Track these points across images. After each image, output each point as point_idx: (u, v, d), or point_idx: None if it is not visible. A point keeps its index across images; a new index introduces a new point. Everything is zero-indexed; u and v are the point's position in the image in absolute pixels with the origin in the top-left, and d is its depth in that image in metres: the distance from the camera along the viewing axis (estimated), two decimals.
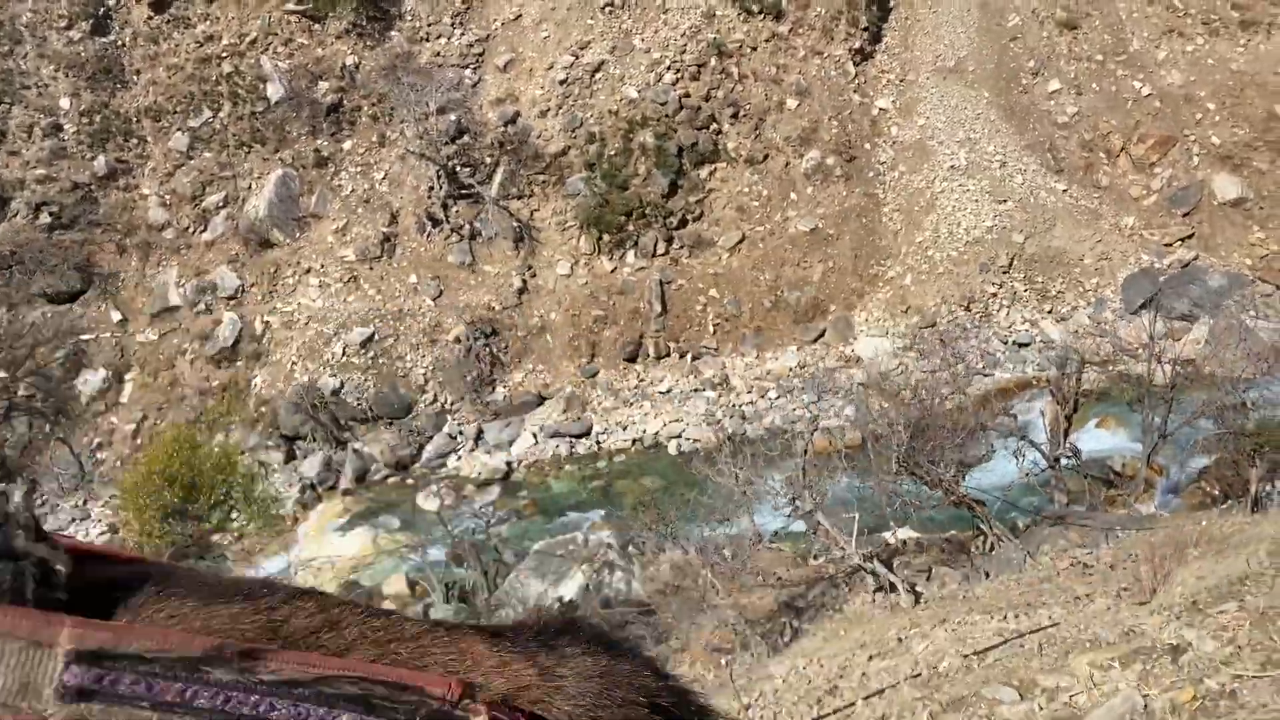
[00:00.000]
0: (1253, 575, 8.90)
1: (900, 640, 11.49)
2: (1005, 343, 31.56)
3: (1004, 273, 33.28)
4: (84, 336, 28.58)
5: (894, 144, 35.30)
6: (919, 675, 9.21)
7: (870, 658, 10.98)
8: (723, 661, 14.83)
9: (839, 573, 17.17)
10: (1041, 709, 6.73)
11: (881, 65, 36.75)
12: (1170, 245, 34.28)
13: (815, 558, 17.83)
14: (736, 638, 15.24)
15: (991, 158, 35.01)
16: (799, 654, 12.85)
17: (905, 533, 20.69)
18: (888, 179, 34.72)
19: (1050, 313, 32.58)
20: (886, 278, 33.27)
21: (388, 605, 22.70)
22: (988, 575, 15.49)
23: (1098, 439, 27.33)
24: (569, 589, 19.09)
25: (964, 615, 12.25)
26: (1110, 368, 28.53)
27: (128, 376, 28.70)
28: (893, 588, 14.92)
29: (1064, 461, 21.18)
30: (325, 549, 25.11)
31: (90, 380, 28.31)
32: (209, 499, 13.90)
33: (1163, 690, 6.11)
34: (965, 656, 9.16)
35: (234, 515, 14.56)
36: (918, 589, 15.26)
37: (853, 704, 9.08)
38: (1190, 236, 34.49)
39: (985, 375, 30.44)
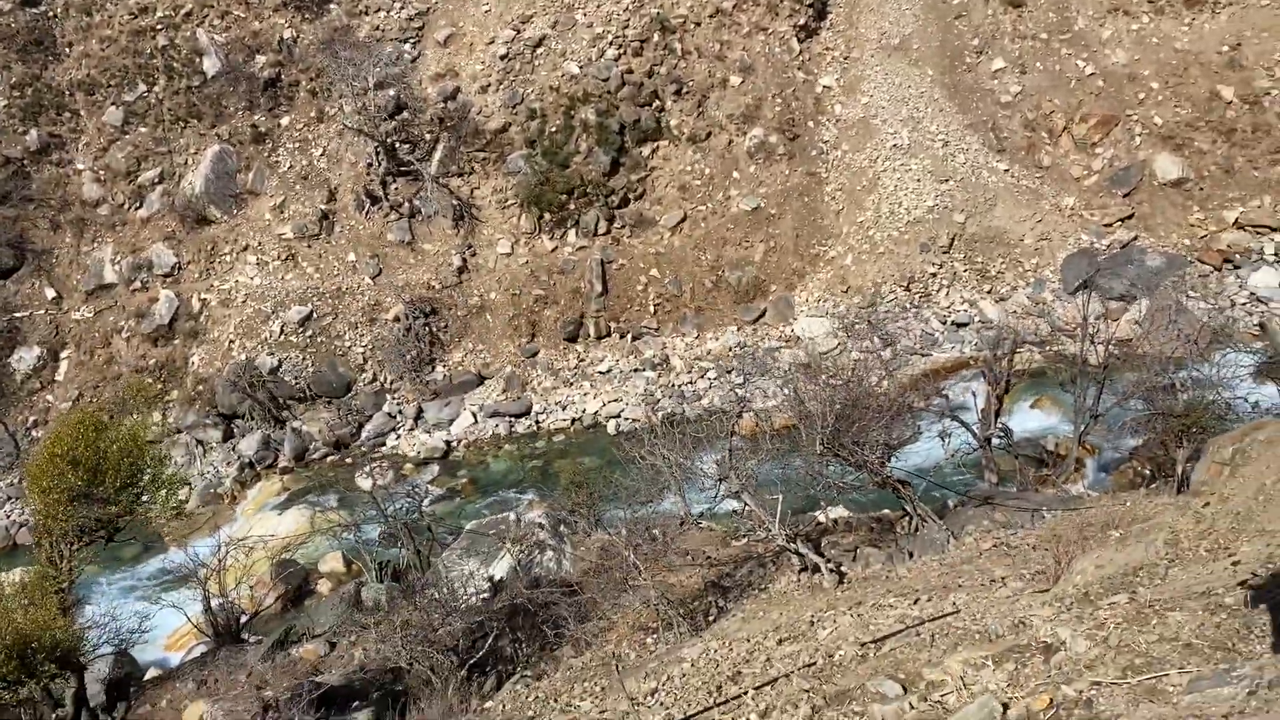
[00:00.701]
0: (1148, 565, 9.37)
1: (812, 623, 12.03)
2: (944, 323, 32.50)
3: (944, 253, 34.20)
4: (18, 314, 28.88)
5: (837, 122, 36.04)
6: (814, 664, 9.52)
7: (780, 641, 11.44)
8: (647, 641, 15.39)
9: (766, 552, 17.72)
10: (912, 708, 6.88)
11: (826, 42, 37.40)
12: (1110, 225, 35.28)
13: (743, 538, 18.34)
14: (660, 618, 15.67)
15: (934, 137, 35.84)
16: (716, 635, 13.32)
17: (836, 512, 21.49)
18: (830, 158, 35.48)
19: (990, 293, 33.53)
20: (828, 258, 34.11)
21: (324, 584, 23.46)
22: (911, 555, 16.24)
23: (1032, 419, 28.29)
24: (499, 569, 19.64)
25: (880, 598, 12.77)
26: (1047, 348, 29.39)
27: (63, 354, 29.08)
28: (816, 568, 15.48)
29: (995, 441, 21.86)
30: (262, 527, 25.69)
31: (25, 358, 28.68)
32: (114, 482, 14.33)
33: (1025, 694, 6.28)
34: (863, 645, 9.46)
35: (143, 498, 14.99)
36: (843, 569, 15.89)
37: (745, 693, 9.44)
38: (1130, 217, 35.49)
39: (923, 355, 31.41)
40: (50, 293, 29.70)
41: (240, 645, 19.92)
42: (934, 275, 33.78)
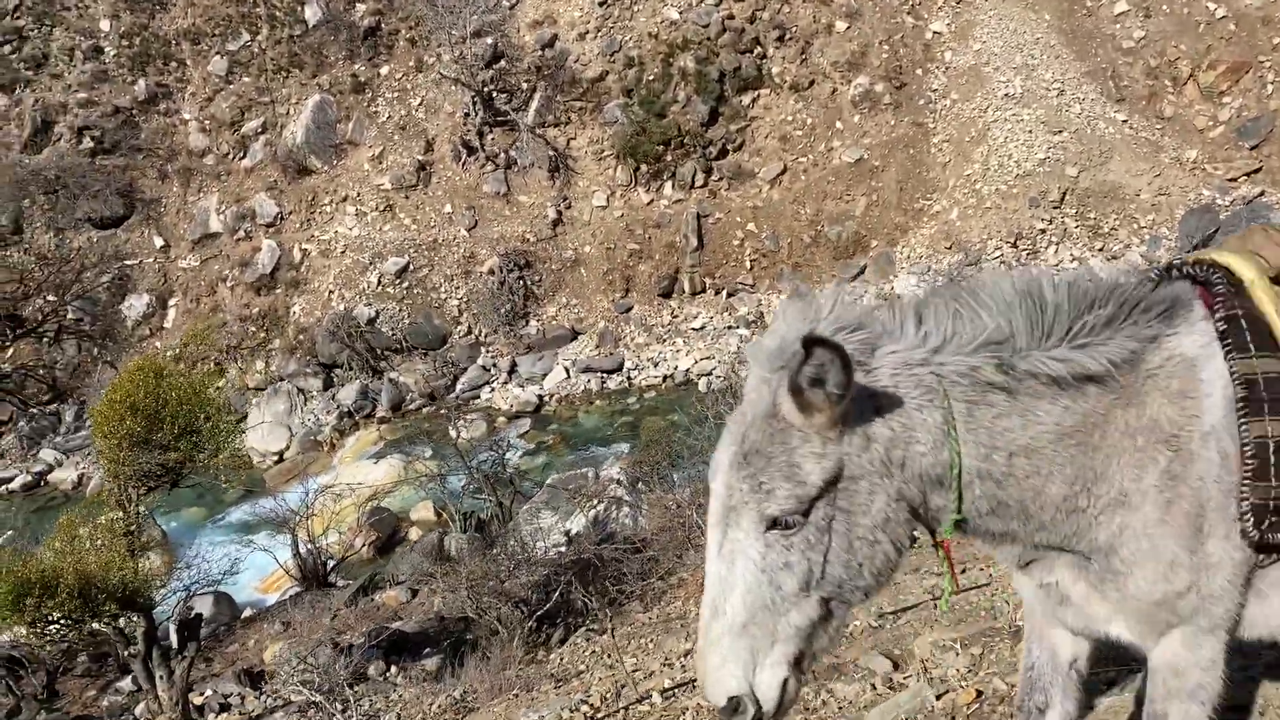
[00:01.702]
0: None
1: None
2: None
3: (1055, 208, 32.98)
4: (128, 262, 29.90)
5: (947, 70, 34.78)
6: None
7: None
8: None
9: None
10: (874, 688, 6.53)
11: None
12: (1235, 180, 33.59)
13: None
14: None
15: (1049, 86, 34.37)
16: None
17: None
18: (938, 108, 34.32)
19: (1101, 250, 32.30)
20: (932, 212, 33.18)
21: (414, 532, 24.04)
22: None
23: None
24: (576, 523, 19.91)
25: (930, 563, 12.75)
26: None
27: (171, 302, 30.07)
28: None
29: None
30: (356, 475, 26.35)
31: (135, 305, 29.73)
32: (172, 428, 14.58)
33: (975, 682, 5.98)
34: (880, 616, 9.05)
35: (203, 446, 15.27)
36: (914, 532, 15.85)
37: None
38: (1258, 170, 33.73)
39: None
40: (159, 241, 30.65)
41: (327, 589, 20.57)
42: (1043, 232, 32.64)
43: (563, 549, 18.62)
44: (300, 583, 21.04)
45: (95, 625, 13.80)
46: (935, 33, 35.40)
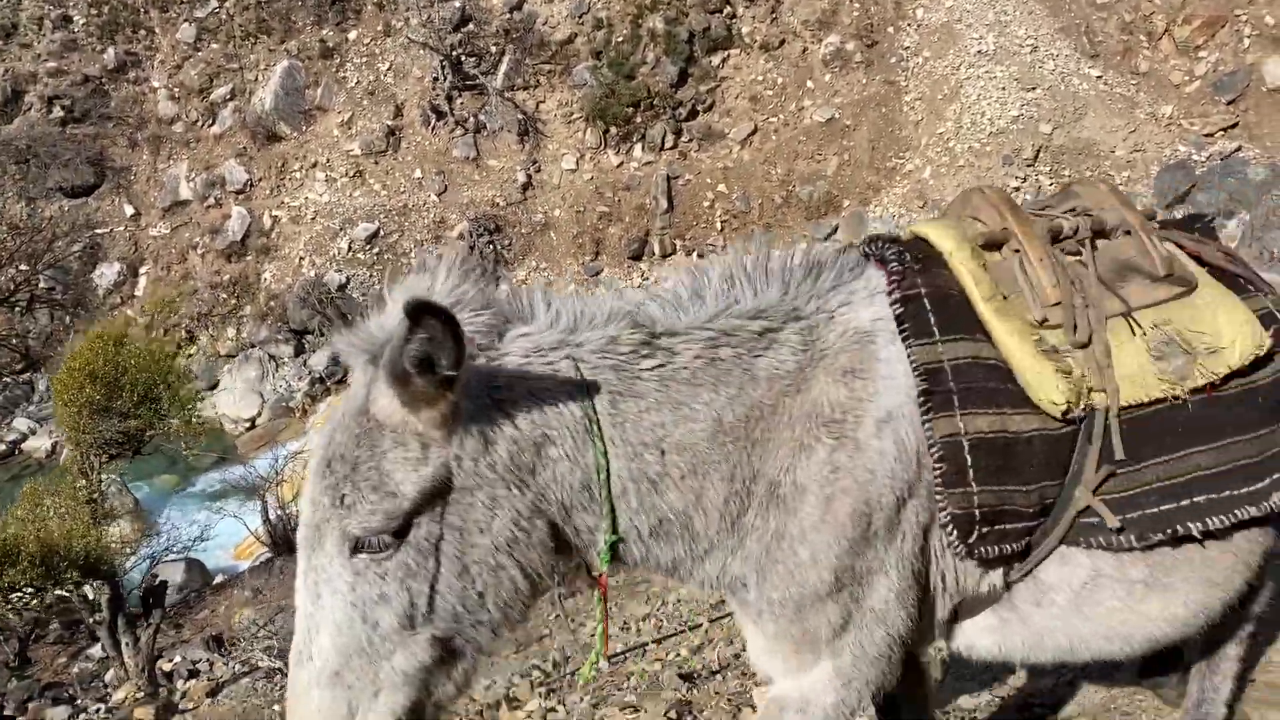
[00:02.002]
0: None
1: None
2: None
3: (1028, 165, 32.74)
4: (99, 230, 29.91)
5: (919, 28, 34.40)
6: None
7: None
8: None
9: None
10: None
11: None
12: (1211, 135, 33.25)
13: None
14: None
15: (1022, 42, 33.99)
16: None
17: None
18: (910, 65, 33.99)
19: None
20: (904, 171, 32.97)
21: None
22: None
23: None
24: None
25: None
26: None
27: (142, 270, 30.11)
28: None
29: None
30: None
31: (106, 274, 29.78)
32: (132, 396, 14.65)
33: None
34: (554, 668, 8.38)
35: (162, 414, 15.33)
36: None
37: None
38: (1234, 126, 33.37)
39: None
40: (129, 209, 30.63)
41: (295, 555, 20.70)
42: (1017, 189, 32.36)
43: None
44: (271, 549, 21.22)
45: (59, 592, 13.98)
46: None
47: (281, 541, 21.04)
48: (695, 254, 31.50)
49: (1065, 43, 33.89)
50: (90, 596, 14.27)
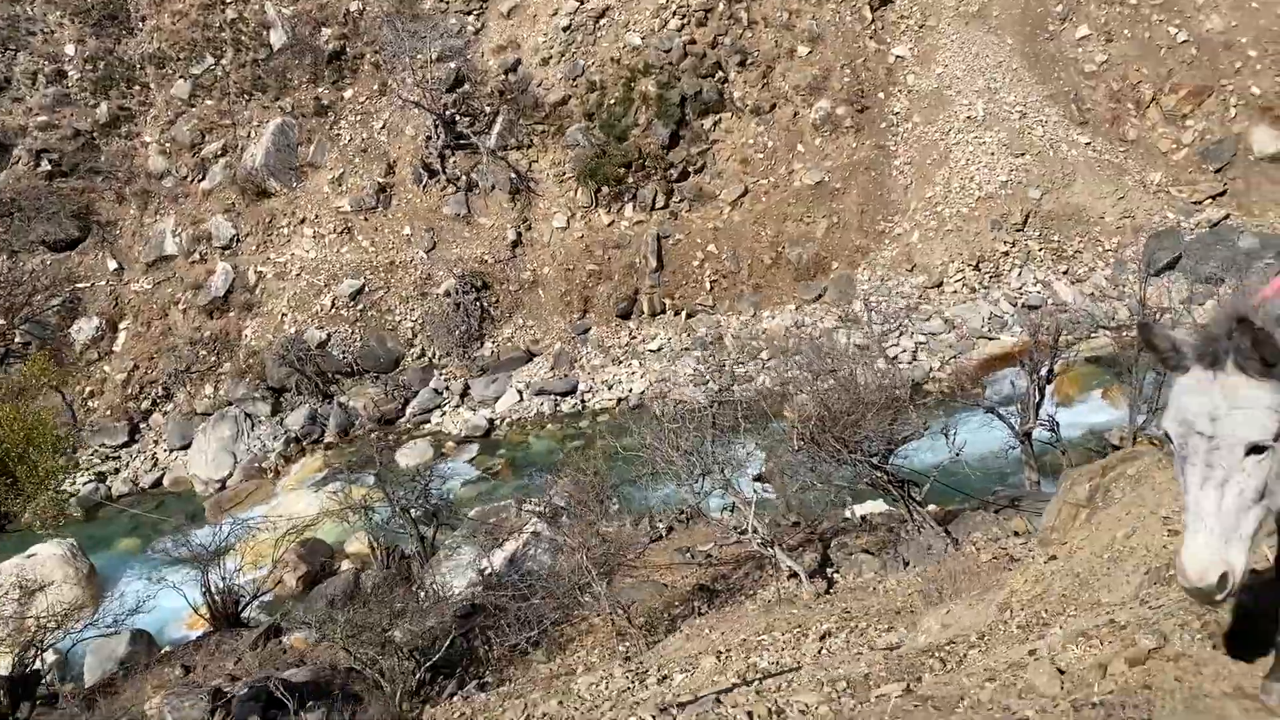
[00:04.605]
0: (985, 630, 6.68)
1: (721, 653, 9.62)
2: (1015, 305, 28.41)
3: (1017, 230, 30.02)
4: (80, 285, 27.08)
5: (909, 94, 31.87)
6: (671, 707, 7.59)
7: (663, 678, 9.28)
8: (619, 648, 13.09)
9: (759, 554, 15.01)
10: None
11: (901, 10, 33.13)
12: (1200, 203, 30.62)
13: (743, 534, 15.54)
14: (615, 628, 13.39)
15: (1011, 108, 31.45)
16: (654, 656, 11.20)
17: (871, 508, 18.18)
18: (900, 130, 31.40)
19: (1066, 273, 29.30)
20: (893, 234, 30.22)
21: (347, 565, 21.08)
22: (906, 564, 13.22)
23: (1099, 410, 24.25)
24: (497, 559, 17.20)
25: (832, 618, 10.22)
26: (1125, 334, 25.33)
27: (121, 325, 27.20)
28: (811, 575, 12.79)
29: (1039, 435, 18.18)
30: (299, 504, 23.44)
31: (84, 328, 26.89)
32: None
33: None
34: (696, 698, 7.38)
35: (23, 492, 12.53)
36: (835, 576, 13.21)
37: None
38: (1222, 194, 30.74)
39: (990, 338, 27.54)
40: (112, 264, 27.83)
41: (236, 630, 17.68)
42: (1005, 254, 29.67)
43: (478, 589, 16.05)
44: (211, 622, 18.09)
45: None
46: (898, 57, 32.52)
47: (221, 616, 17.91)
48: (684, 313, 28.65)
49: (1054, 109, 31.32)
50: None
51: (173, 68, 29.91)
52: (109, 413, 25.72)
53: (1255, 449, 2.85)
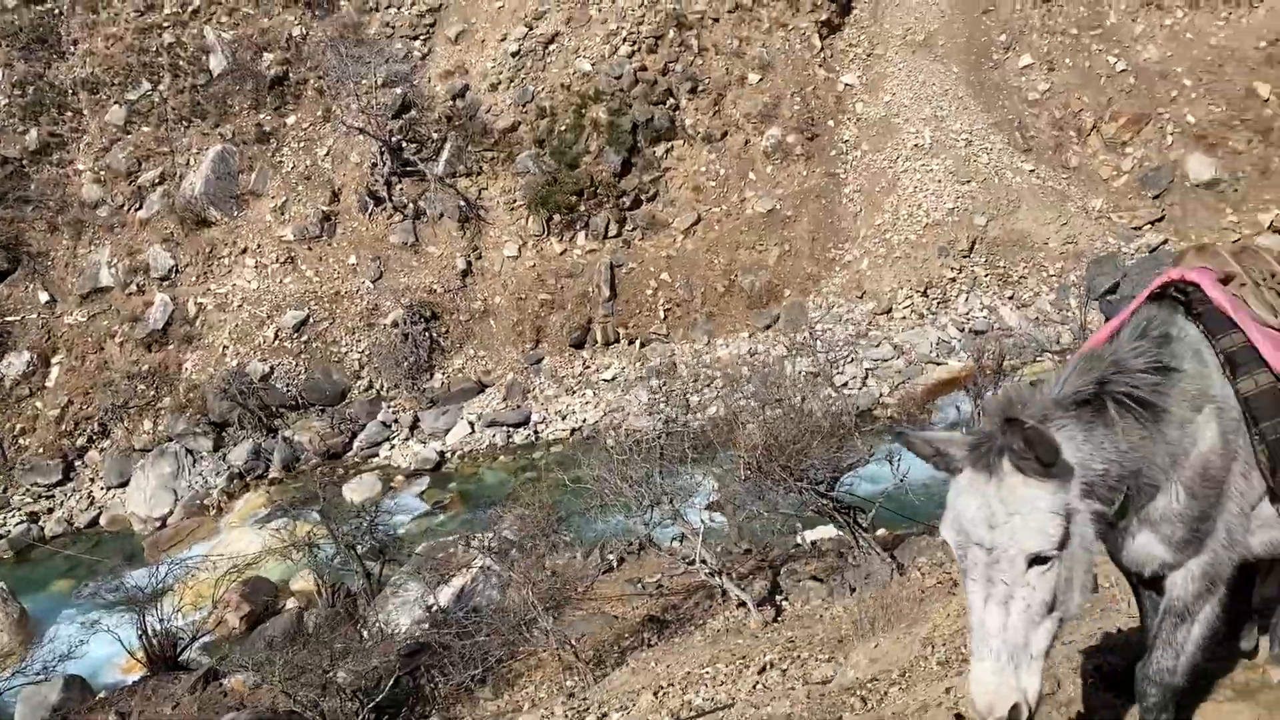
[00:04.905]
0: (909, 667, 6.51)
1: (661, 689, 9.45)
2: (962, 330, 28.42)
3: (964, 256, 30.11)
4: (9, 318, 25.76)
5: (858, 121, 31.91)
6: None
7: (602, 716, 9.27)
8: (567, 684, 12.81)
9: (708, 583, 14.72)
10: None
11: (849, 39, 33.20)
12: (1139, 229, 30.97)
13: (691, 564, 15.23)
14: (562, 663, 13.10)
15: (957, 136, 31.63)
16: (599, 691, 11.03)
17: (820, 534, 17.84)
18: (850, 158, 31.39)
19: (1011, 298, 29.42)
20: (843, 261, 30.12)
21: (292, 603, 20.20)
22: (852, 590, 13.00)
23: None
24: (444, 596, 16.58)
25: (776, 648, 10.05)
26: (1068, 358, 25.32)
27: (54, 360, 25.94)
28: (759, 603, 12.69)
29: None
30: (242, 541, 22.46)
31: (14, 364, 25.58)
32: None
33: None
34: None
35: None
36: (783, 604, 13.08)
37: None
38: (1161, 219, 31.14)
39: (938, 364, 27.50)
40: (44, 296, 26.56)
41: (175, 674, 16.82)
42: (953, 280, 29.72)
43: (424, 626, 15.47)
44: (147, 666, 17.18)
45: None
46: (847, 85, 32.57)
47: (159, 659, 17.00)
48: (638, 342, 28.19)
49: (999, 137, 31.55)
50: None
51: (107, 93, 28.76)
52: (41, 450, 24.48)
53: (1038, 559, 2.63)
